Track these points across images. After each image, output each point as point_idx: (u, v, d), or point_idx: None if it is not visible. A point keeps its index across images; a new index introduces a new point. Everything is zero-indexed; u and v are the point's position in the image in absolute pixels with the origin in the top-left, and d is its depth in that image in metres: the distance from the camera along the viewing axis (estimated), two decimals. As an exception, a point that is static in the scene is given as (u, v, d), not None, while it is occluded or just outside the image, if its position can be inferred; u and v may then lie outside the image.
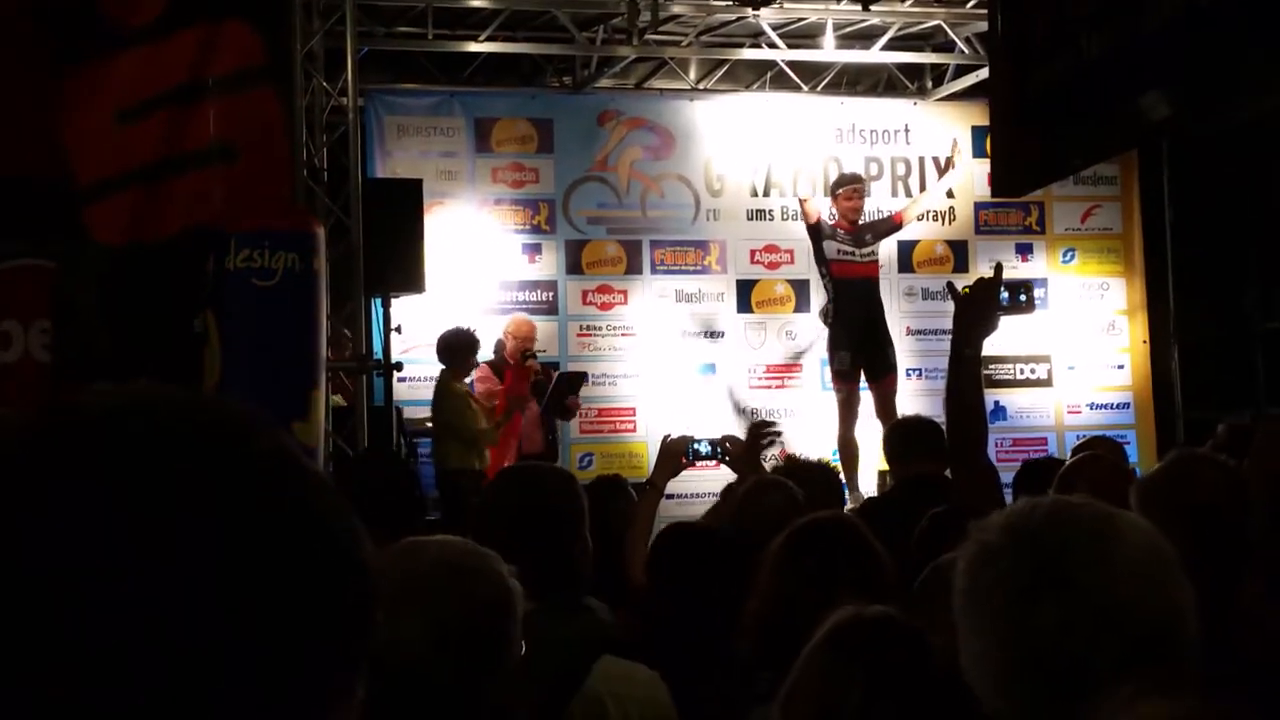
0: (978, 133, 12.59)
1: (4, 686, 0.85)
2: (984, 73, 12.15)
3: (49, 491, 0.88)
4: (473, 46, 12.10)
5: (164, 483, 0.89)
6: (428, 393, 11.30)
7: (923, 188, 12.66)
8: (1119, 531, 1.81)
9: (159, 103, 8.46)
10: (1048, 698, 1.75)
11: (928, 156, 12.86)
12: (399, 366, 9.97)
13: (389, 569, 2.25)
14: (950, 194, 12.76)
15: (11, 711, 0.85)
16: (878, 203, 12.54)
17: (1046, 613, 1.74)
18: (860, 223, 10.97)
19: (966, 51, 12.49)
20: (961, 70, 12.80)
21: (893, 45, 12.58)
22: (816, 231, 10.98)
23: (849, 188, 11.02)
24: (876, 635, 2.35)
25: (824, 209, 11.24)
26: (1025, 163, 3.90)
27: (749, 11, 11.62)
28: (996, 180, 4.16)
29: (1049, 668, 1.75)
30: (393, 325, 10.08)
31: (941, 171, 12.42)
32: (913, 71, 13.28)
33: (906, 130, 12.88)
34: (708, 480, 10.19)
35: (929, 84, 13.29)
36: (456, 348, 10.25)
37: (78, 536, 0.87)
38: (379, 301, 10.07)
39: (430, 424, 10.43)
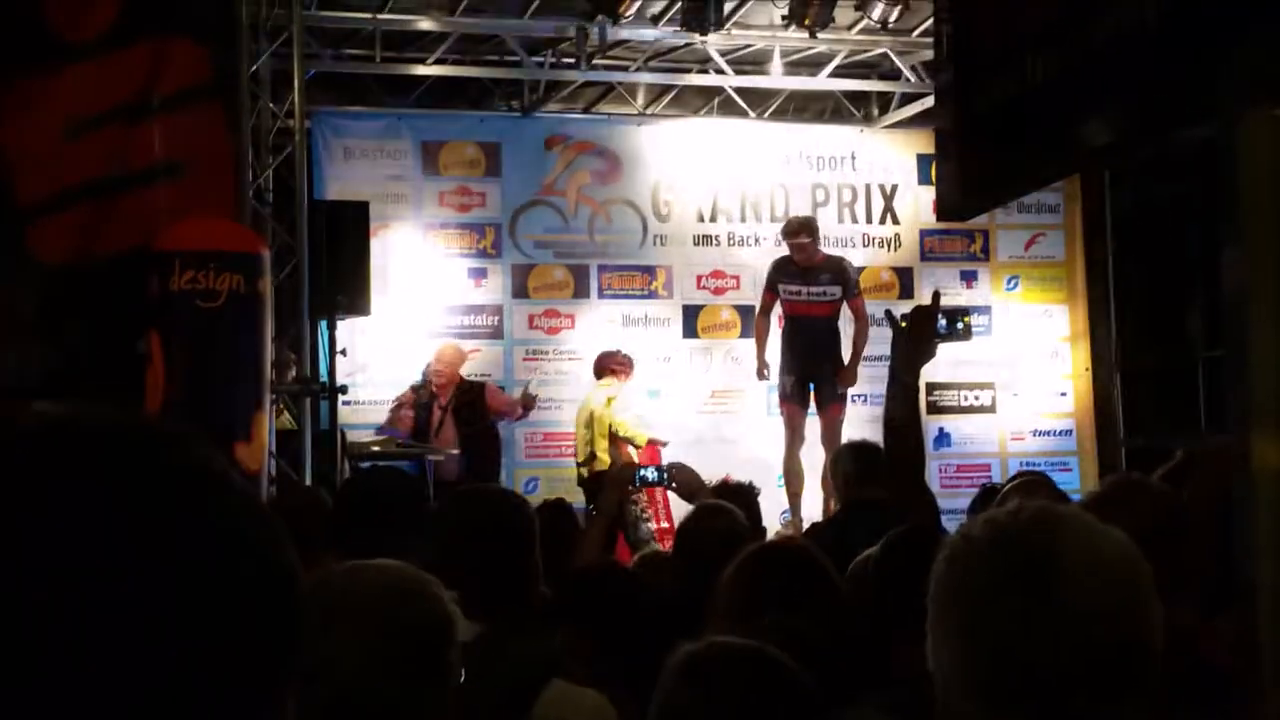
0: (923, 160, 12.68)
1: (4, 686, 0.85)
2: (930, 101, 12.25)
3: (49, 491, 0.89)
4: (421, 70, 12.09)
5: (162, 483, 0.90)
6: (375, 416, 11.27)
7: (869, 215, 12.80)
8: (1100, 542, 1.81)
9: (105, 119, 8.41)
10: (1011, 704, 1.75)
11: (874, 183, 12.94)
12: (344, 390, 9.92)
13: (327, 592, 2.24)
14: (896, 220, 12.87)
15: (12, 711, 0.85)
16: (825, 229, 12.57)
17: (1014, 610, 1.74)
18: (816, 262, 10.84)
19: (912, 80, 12.58)
20: (907, 98, 12.89)
21: (840, 73, 12.65)
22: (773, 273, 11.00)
23: (784, 235, 10.97)
24: (736, 668, 2.39)
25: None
26: (970, 188, 3.92)
27: (697, 38, 11.66)
28: (941, 204, 4.18)
29: (1014, 672, 1.74)
30: (338, 348, 10.04)
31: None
32: (859, 99, 13.37)
33: (853, 157, 12.95)
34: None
35: (875, 111, 13.37)
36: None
37: (78, 536, 0.87)
38: (324, 324, 10.03)
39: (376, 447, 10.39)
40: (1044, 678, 1.73)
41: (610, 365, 11.07)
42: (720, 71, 12.50)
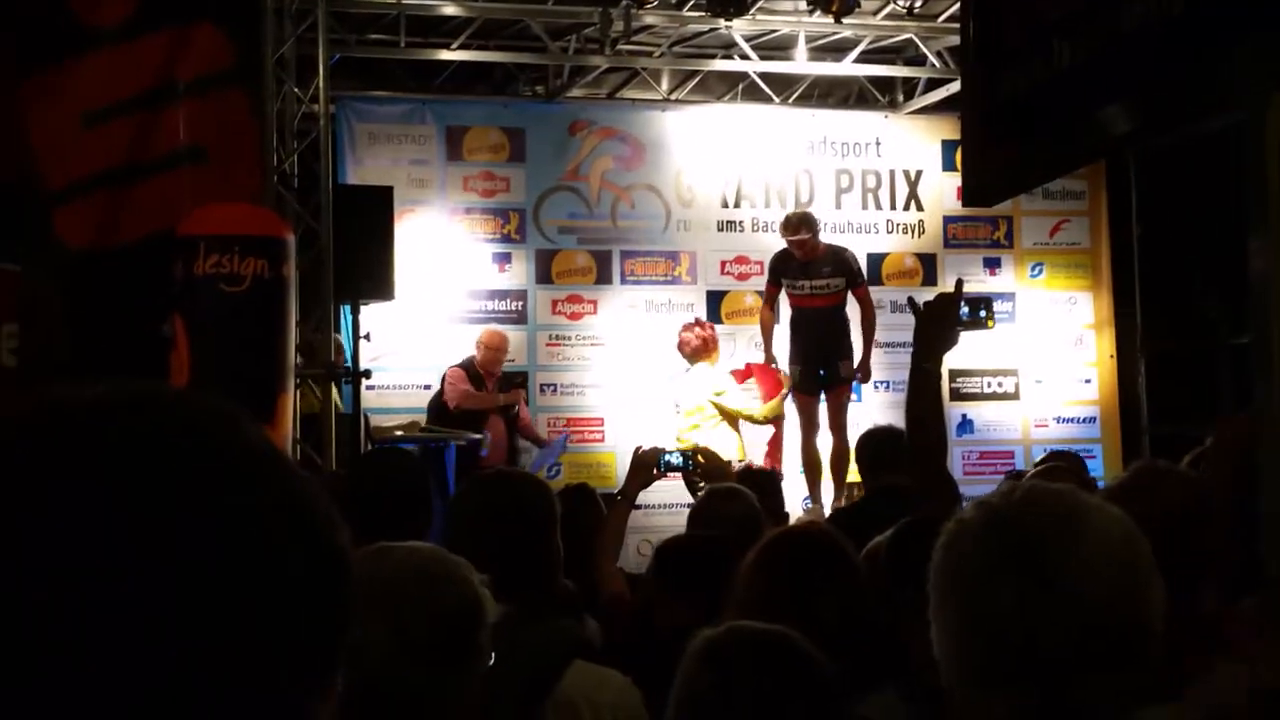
0: (948, 146, 12.64)
1: (4, 686, 0.85)
2: (955, 87, 12.20)
3: (49, 491, 0.88)
4: (445, 55, 12.10)
5: (162, 482, 0.90)
6: (396, 400, 11.32)
7: (893, 201, 12.80)
8: (1092, 521, 1.80)
9: (128, 106, 8.43)
10: (1003, 680, 1.75)
11: (898, 169, 12.92)
12: (367, 374, 9.94)
13: (359, 572, 2.23)
14: (920, 207, 12.86)
15: (12, 711, 0.85)
16: (849, 215, 12.63)
17: (1007, 592, 1.74)
18: (818, 254, 10.72)
19: (937, 65, 12.54)
20: (932, 84, 12.85)
21: (864, 58, 12.62)
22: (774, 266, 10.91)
23: (784, 231, 10.83)
24: (759, 652, 2.39)
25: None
26: (995, 173, 3.91)
27: (721, 23, 11.65)
28: (966, 190, 4.16)
29: (1005, 649, 1.74)
30: (361, 333, 10.06)
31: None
32: (884, 85, 13.33)
33: (877, 143, 12.93)
34: (678, 491, 10.21)
35: (900, 97, 13.33)
36: None
37: (78, 536, 0.87)
38: (348, 309, 10.05)
39: (400, 431, 10.42)
40: (1041, 660, 1.73)
41: (707, 345, 10.85)
42: (745, 57, 12.47)
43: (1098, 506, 1.84)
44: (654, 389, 12.14)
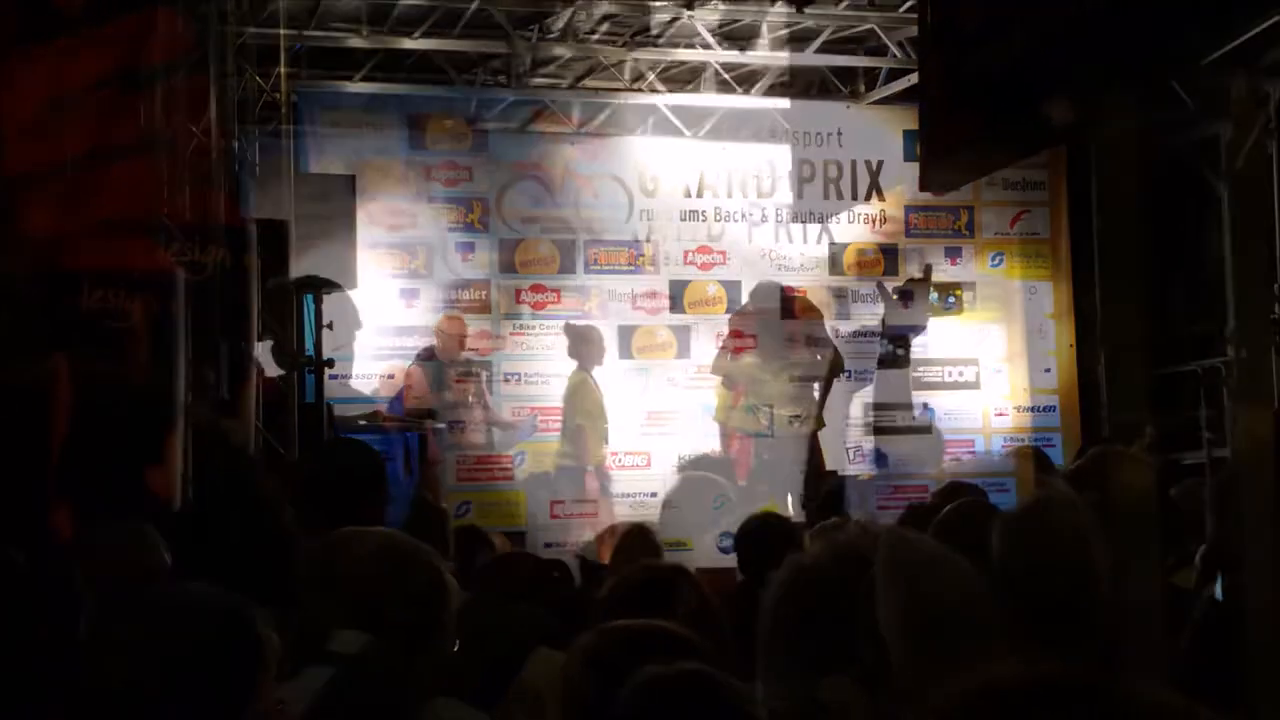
0: (909, 136, 12.67)
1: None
2: (916, 76, 12.24)
3: None
4: (408, 43, 12.05)
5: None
6: (360, 389, 11.29)
7: (854, 191, 12.82)
8: (1034, 501, 1.85)
9: (92, 91, 8.39)
10: (946, 648, 1.78)
11: (860, 159, 12.94)
12: (330, 363, 9.91)
13: (329, 556, 2.26)
14: (881, 197, 12.89)
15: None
16: (810, 205, 12.67)
17: (951, 569, 1.77)
18: None
19: (899, 55, 12.56)
20: (894, 74, 12.87)
21: (826, 48, 12.63)
22: None
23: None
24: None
25: None
26: (953, 159, 3.93)
27: (684, 12, 11.64)
28: (925, 176, 4.18)
29: (951, 619, 1.77)
30: (324, 322, 10.02)
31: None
32: (846, 75, 13.34)
33: (839, 133, 12.94)
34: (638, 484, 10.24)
35: (862, 87, 13.35)
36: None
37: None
38: (310, 298, 10.01)
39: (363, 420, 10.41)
40: (970, 624, 1.76)
41: None
42: (707, 46, 12.47)
43: (1041, 487, 1.89)
44: (617, 377, 12.15)
